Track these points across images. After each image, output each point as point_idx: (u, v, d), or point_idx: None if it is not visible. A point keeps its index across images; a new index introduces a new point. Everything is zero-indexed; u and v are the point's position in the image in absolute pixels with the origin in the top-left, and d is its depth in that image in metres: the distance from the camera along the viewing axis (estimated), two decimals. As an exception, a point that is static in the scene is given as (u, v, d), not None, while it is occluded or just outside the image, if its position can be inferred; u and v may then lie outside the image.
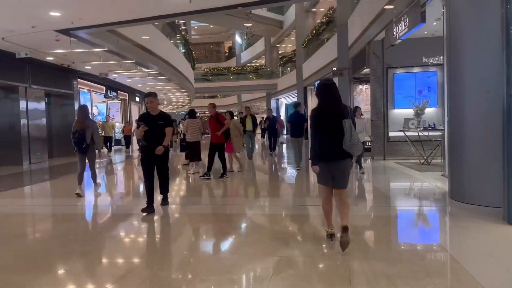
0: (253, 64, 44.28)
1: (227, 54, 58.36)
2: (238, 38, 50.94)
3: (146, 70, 18.07)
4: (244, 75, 41.21)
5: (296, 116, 11.19)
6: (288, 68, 35.95)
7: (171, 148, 19.40)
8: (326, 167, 4.23)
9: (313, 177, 10.69)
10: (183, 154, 13.53)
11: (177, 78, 23.58)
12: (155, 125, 6.16)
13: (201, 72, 41.82)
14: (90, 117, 8.55)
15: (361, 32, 13.18)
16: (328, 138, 4.14)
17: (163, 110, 8.19)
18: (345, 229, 4.10)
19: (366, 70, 14.23)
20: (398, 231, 5.58)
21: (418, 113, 10.91)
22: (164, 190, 6.62)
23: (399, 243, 4.91)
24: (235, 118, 12.34)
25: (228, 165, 10.52)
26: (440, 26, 7.79)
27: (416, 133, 10.96)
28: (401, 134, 11.89)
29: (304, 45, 26.90)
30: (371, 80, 12.77)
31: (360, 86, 15.85)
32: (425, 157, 10.76)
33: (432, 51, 11.91)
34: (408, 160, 11.66)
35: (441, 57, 11.63)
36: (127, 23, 9.78)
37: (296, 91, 30.10)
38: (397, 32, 9.92)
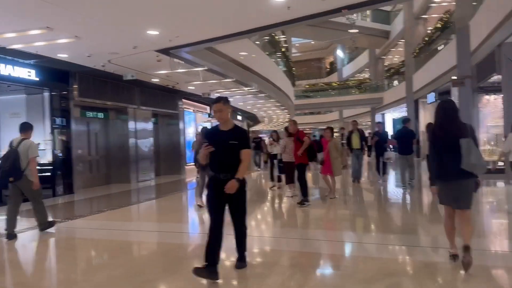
0: (355, 79, 42.44)
1: (328, 69, 57.17)
2: (339, 52, 49.51)
3: (246, 88, 17.89)
4: (346, 90, 39.61)
5: (404, 132, 10.80)
6: (396, 81, 33.56)
7: (259, 169, 18.84)
8: (446, 187, 4.27)
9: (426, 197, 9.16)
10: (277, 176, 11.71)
11: (277, 95, 23.21)
12: (225, 145, 4.23)
13: (302, 88, 41.22)
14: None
15: (488, 34, 11.25)
16: (447, 158, 4.15)
17: (261, 128, 7.46)
18: (466, 248, 4.05)
19: (496, 78, 12.13)
20: None
21: None
22: (241, 246, 4.55)
23: None
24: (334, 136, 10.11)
25: (328, 189, 9.53)
26: None
27: None
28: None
29: (415, 54, 24.69)
30: (503, 88, 10.75)
31: (487, 97, 13.62)
32: None
33: None
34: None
35: None
36: (224, 38, 9.42)
37: (405, 104, 27.77)
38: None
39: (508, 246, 5.57)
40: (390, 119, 37.00)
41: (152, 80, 14.09)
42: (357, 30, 28.16)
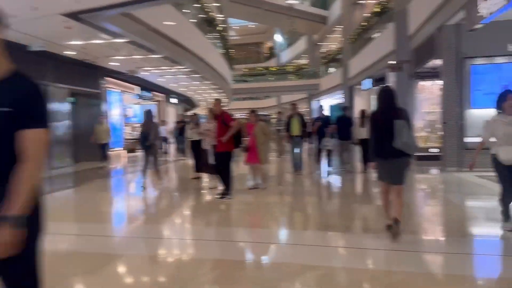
0: (293, 64, 42.20)
1: (267, 54, 56.59)
2: (278, 37, 49.01)
3: (178, 67, 16.50)
4: (284, 75, 39.21)
5: (344, 119, 11.18)
6: (333, 69, 33.63)
7: (183, 157, 15.56)
8: (382, 165, 4.70)
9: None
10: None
11: (213, 77, 21.97)
12: None
13: (240, 72, 40.20)
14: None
15: (428, 16, 10.88)
16: (384, 138, 4.52)
17: (198, 112, 6.44)
18: (396, 221, 4.54)
19: (434, 63, 11.89)
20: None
21: None
22: None
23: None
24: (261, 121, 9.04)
25: (254, 181, 8.68)
26: None
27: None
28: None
29: (352, 40, 24.55)
30: (442, 74, 10.45)
31: (423, 83, 13.46)
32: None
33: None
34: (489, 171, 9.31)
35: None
36: (140, 2, 8.07)
37: (341, 91, 27.79)
38: (486, 9, 7.64)
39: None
40: (327, 106, 37.18)
41: (65, 52, 12.29)
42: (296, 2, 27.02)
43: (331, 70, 33.68)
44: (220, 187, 7.95)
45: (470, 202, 7.50)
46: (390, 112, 4.59)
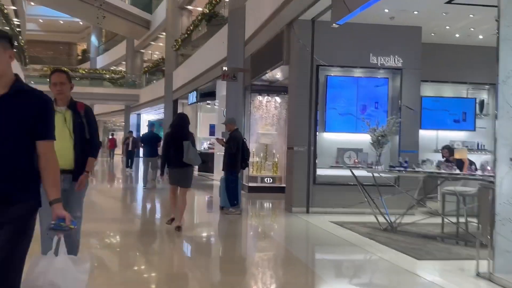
0: (110, 71, 36.98)
1: (80, 57, 49.43)
2: (94, 39, 42.90)
3: None
4: (98, 81, 33.82)
5: (150, 136, 11.95)
6: (155, 80, 30.07)
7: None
8: (172, 172, 6.14)
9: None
10: None
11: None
12: None
13: (41, 72, 32.99)
14: None
15: (276, 9, 8.47)
16: (175, 153, 5.95)
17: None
18: (178, 228, 5.96)
19: (273, 75, 9.60)
20: None
21: (379, 141, 6.38)
22: None
23: None
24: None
25: None
26: None
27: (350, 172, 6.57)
28: (335, 172, 7.46)
29: (177, 47, 21.51)
30: (290, 83, 8.06)
31: (260, 98, 11.12)
32: (388, 219, 6.27)
33: (388, 47, 7.79)
34: (346, 213, 7.25)
35: (397, 59, 7.60)
36: None
37: (163, 104, 24.39)
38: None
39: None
40: (145, 121, 33.13)
41: None
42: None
43: (153, 81, 30.12)
44: None
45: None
46: (181, 133, 6.09)
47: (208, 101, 19.40)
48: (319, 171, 7.65)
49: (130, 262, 4.96)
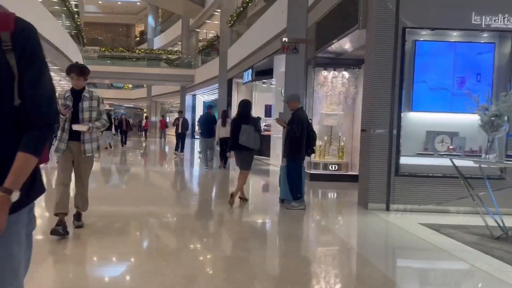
0: (166, 50, 36.71)
1: (138, 39, 49.93)
2: (151, 20, 42.91)
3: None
4: (155, 62, 33.64)
5: (208, 117, 12.13)
6: (212, 59, 29.20)
7: None
8: (235, 155, 6.64)
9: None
10: None
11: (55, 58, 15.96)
12: None
13: (100, 53, 33.35)
14: None
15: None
16: (237, 137, 6.36)
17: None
18: (232, 195, 6.48)
19: (341, 46, 8.16)
20: None
21: (493, 123, 4.83)
22: None
23: None
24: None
25: None
26: None
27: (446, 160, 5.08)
28: (423, 161, 6.02)
29: (232, 22, 20.37)
30: (367, 51, 6.59)
31: (325, 73, 9.69)
32: (502, 223, 4.77)
33: (497, 2, 6.11)
34: (436, 212, 5.79)
35: (508, 18, 5.90)
36: None
37: (217, 84, 23.51)
38: None
39: None
40: (201, 102, 32.60)
41: None
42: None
43: (208, 61, 29.32)
44: None
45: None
46: (243, 118, 6.47)
47: (263, 80, 18.21)
48: (403, 159, 6.20)
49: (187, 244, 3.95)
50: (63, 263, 3.85)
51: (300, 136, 6.11)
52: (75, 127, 4.33)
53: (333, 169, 9.59)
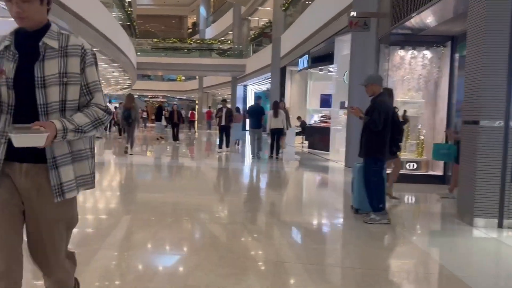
0: (217, 40, 35.96)
1: (190, 30, 49.73)
2: (203, 11, 42.39)
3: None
4: (206, 52, 33.00)
5: (256, 108, 12.28)
6: (263, 48, 27.97)
7: None
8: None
9: None
10: None
11: (105, 47, 15.47)
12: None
13: (152, 44, 33.15)
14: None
15: None
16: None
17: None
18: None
19: (425, 19, 6.59)
20: None
21: None
22: None
23: None
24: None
25: None
26: None
27: None
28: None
29: (286, 5, 18.97)
30: (470, 18, 5.03)
31: (401, 53, 8.10)
32: None
33: None
34: None
35: None
36: None
37: (270, 73, 22.25)
38: None
39: None
40: (252, 93, 31.48)
41: None
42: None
43: (260, 50, 28.11)
44: None
45: None
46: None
47: (320, 67, 16.73)
48: (522, 161, 4.62)
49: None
50: None
51: (383, 130, 4.71)
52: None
53: (411, 168, 8.03)
